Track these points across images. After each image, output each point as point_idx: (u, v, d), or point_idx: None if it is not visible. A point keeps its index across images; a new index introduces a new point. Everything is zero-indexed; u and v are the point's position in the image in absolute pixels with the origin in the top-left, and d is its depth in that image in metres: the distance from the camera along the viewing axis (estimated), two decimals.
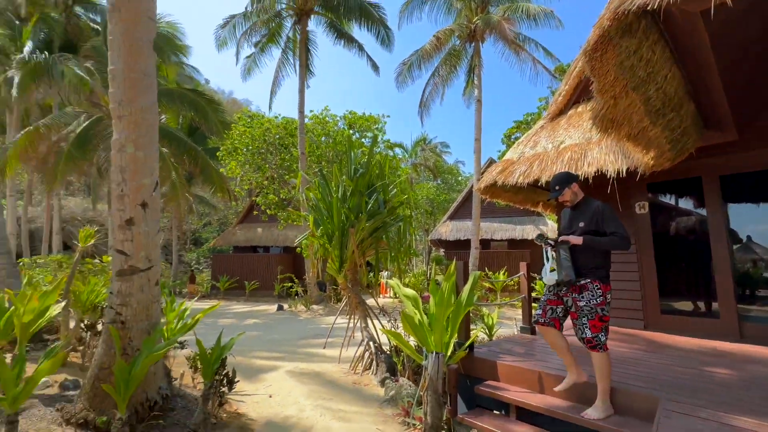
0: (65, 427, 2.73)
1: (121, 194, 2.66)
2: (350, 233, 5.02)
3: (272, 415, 3.70)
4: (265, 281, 17.67)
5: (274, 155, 15.69)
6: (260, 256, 19.03)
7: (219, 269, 18.32)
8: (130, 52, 2.60)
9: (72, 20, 17.03)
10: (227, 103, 49.16)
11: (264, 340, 7.66)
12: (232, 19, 14.67)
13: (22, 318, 3.19)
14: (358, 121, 16.61)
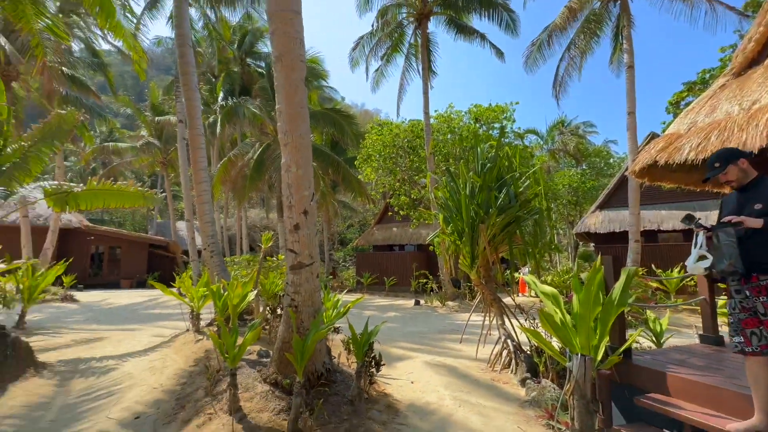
0: (263, 384, 3.58)
1: (290, 205, 3.36)
2: (480, 229, 5.00)
3: (414, 398, 4.02)
4: (401, 277, 18.80)
5: (403, 158, 16.59)
6: (396, 254, 20.29)
7: (362, 266, 20.32)
8: (289, 92, 3.28)
9: (245, 70, 21.57)
10: (360, 114, 53.93)
11: (403, 331, 8.22)
12: (360, 41, 16.18)
13: (232, 301, 4.33)
14: (484, 113, 16.10)
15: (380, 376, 4.29)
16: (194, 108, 7.07)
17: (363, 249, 29.26)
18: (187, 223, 14.06)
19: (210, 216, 6.97)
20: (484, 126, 16.39)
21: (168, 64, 59.33)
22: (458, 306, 12.82)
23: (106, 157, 24.20)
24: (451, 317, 10.79)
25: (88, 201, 7.23)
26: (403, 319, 10.26)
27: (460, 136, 15.27)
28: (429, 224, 17.52)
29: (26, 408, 3.62)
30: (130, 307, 12.28)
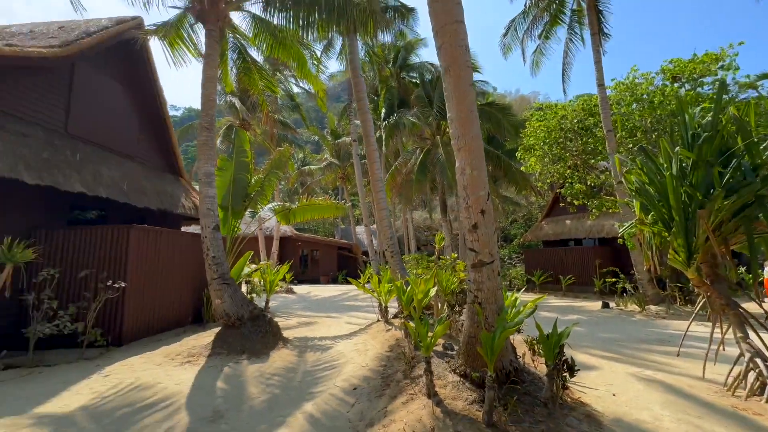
0: (453, 374, 3.83)
1: (467, 206, 3.52)
2: (699, 216, 4.01)
3: (621, 414, 3.55)
4: (581, 275, 16.62)
5: (573, 141, 14.70)
6: (572, 249, 18.08)
7: (531, 264, 18.95)
8: (459, 99, 3.45)
9: (401, 83, 23.31)
10: (515, 102, 50.43)
11: (593, 337, 7.29)
12: (512, 24, 15.24)
13: (417, 296, 4.80)
14: (687, 67, 12.74)
15: (573, 382, 3.96)
16: (369, 127, 8.14)
17: (531, 245, 27.24)
18: (365, 228, 16.22)
19: (388, 221, 7.87)
20: (687, 84, 12.95)
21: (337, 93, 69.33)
22: (664, 311, 10.47)
23: (303, 178, 30.20)
24: (654, 324, 8.94)
25: (300, 215, 9.30)
26: (589, 324, 9.09)
27: (651, 104, 12.49)
28: (614, 213, 14.94)
29: (283, 370, 4.94)
30: (329, 298, 14.99)
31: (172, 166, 10.74)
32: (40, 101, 7.19)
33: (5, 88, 6.57)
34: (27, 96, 6.95)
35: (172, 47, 7.75)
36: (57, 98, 7.55)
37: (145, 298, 6.86)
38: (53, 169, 6.41)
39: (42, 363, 5.21)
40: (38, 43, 7.05)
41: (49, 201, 6.99)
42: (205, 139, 6.50)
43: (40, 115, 7.14)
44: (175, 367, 5.04)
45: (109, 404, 3.75)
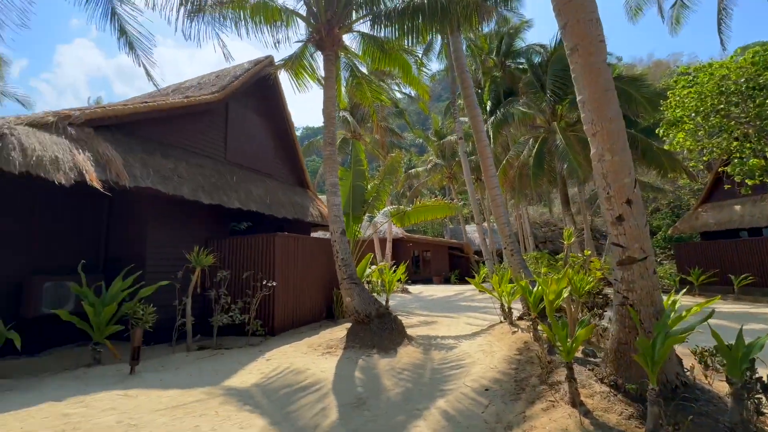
0: (600, 384, 3.46)
1: (608, 196, 3.15)
2: None
3: None
4: (762, 275, 13.10)
5: (741, 106, 11.67)
6: (747, 241, 14.40)
7: (685, 260, 15.73)
8: (590, 79, 3.12)
9: (506, 72, 22.05)
10: (649, 69, 42.79)
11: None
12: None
13: (548, 297, 4.47)
14: None
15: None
16: (478, 123, 7.93)
17: (683, 238, 22.73)
18: (477, 226, 15.76)
19: (506, 218, 7.52)
20: None
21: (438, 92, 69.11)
22: None
23: (410, 181, 30.96)
24: None
25: (414, 217, 9.59)
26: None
27: None
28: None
29: (412, 366, 5.15)
30: (444, 298, 14.99)
31: (300, 180, 12.24)
32: (207, 137, 9.02)
33: (185, 129, 8.44)
34: (199, 134, 8.80)
35: (296, 76, 8.86)
36: (218, 133, 9.37)
37: (289, 295, 7.95)
38: (220, 191, 7.97)
39: (222, 346, 6.50)
40: (204, 92, 8.87)
41: (216, 216, 8.68)
42: (329, 153, 7.24)
43: (208, 148, 8.95)
44: (317, 356, 5.72)
45: (274, 383, 4.48)
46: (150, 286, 6.06)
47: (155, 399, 3.94)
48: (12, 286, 5.96)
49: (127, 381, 4.58)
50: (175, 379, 4.67)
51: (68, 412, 3.54)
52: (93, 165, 5.62)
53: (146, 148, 7.14)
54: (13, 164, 4.68)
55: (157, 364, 5.37)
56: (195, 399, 3.94)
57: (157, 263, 7.06)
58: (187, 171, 7.55)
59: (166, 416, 3.51)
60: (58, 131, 5.65)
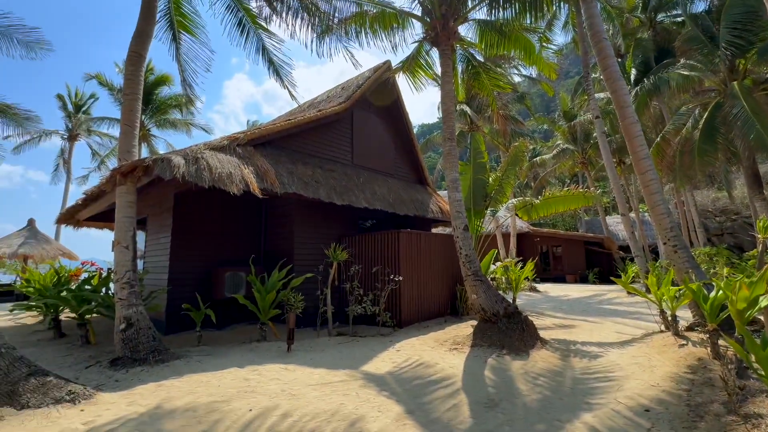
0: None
1: None
2: None
3: None
4: None
5: None
6: None
7: None
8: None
9: (657, 30, 18.21)
10: None
11: None
12: None
13: (737, 305, 3.53)
14: None
15: None
16: (622, 97, 6.77)
17: None
18: (623, 218, 13.49)
19: (664, 207, 6.24)
20: None
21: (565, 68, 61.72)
22: None
23: (535, 170, 28.45)
24: None
25: (543, 209, 8.77)
26: None
27: None
28: None
29: (548, 372, 4.75)
30: (580, 299, 13.32)
31: (419, 178, 12.51)
32: (337, 144, 9.99)
33: (318, 139, 9.51)
34: (330, 142, 9.81)
35: (413, 76, 9.06)
36: (345, 139, 10.28)
37: (414, 289, 8.22)
38: (349, 192, 8.74)
39: (357, 334, 7.14)
40: (332, 104, 9.84)
41: (347, 215, 9.55)
42: (449, 149, 7.20)
43: (337, 154, 9.91)
44: (445, 351, 5.77)
45: (405, 374, 4.70)
46: (298, 277, 7.05)
47: (308, 375, 4.58)
48: (205, 274, 7.71)
49: (286, 357, 5.42)
50: (322, 359, 5.33)
51: (248, 377, 4.40)
52: (254, 176, 6.83)
53: (291, 159, 8.32)
54: (205, 180, 6.04)
55: (306, 345, 6.22)
56: (339, 379, 4.43)
57: (302, 258, 8.17)
58: (322, 176, 8.51)
59: (317, 391, 4.03)
60: (230, 151, 7.04)
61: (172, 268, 7.32)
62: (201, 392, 3.90)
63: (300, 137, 9.07)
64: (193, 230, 7.72)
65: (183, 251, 7.52)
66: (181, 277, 7.41)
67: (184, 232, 7.60)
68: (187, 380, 4.29)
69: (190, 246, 7.64)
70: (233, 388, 4.02)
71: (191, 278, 7.53)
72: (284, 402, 3.70)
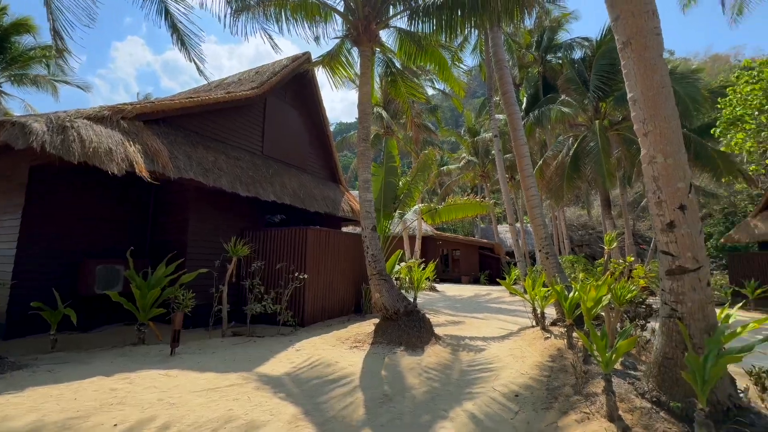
0: (641, 399, 3.27)
1: (658, 201, 2.95)
2: None
3: None
4: None
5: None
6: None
7: (738, 272, 14.57)
8: (644, 75, 2.92)
9: (547, 67, 21.20)
10: (705, 64, 39.76)
11: None
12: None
13: (586, 303, 4.28)
14: None
15: None
16: (516, 120, 7.69)
17: (737, 247, 21.12)
18: (510, 227, 15.33)
19: (542, 219, 7.26)
20: None
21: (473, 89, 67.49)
22: None
23: (442, 178, 30.58)
24: None
25: (446, 214, 9.47)
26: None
27: None
28: None
29: (439, 365, 5.11)
30: (472, 299, 14.74)
31: (333, 175, 12.41)
32: (246, 131, 9.32)
33: (225, 123, 8.76)
34: (238, 128, 9.11)
35: (333, 72, 8.95)
36: (256, 128, 9.65)
37: (319, 288, 8.11)
38: (256, 184, 8.22)
39: (255, 334, 6.74)
40: (244, 88, 9.17)
41: (252, 208, 8.98)
42: (363, 149, 7.28)
43: (246, 142, 9.26)
44: (345, 350, 5.80)
45: (304, 374, 4.59)
46: (190, 273, 6.37)
47: (193, 380, 4.15)
48: (69, 267, 6.46)
49: (168, 361, 4.84)
50: (211, 362, 4.89)
51: (115, 387, 3.80)
52: (142, 156, 5.97)
53: (190, 141, 7.49)
54: (73, 154, 5.05)
55: (194, 348, 5.65)
56: (230, 383, 4.11)
57: (197, 251, 7.41)
58: (226, 164, 7.85)
59: (202, 397, 3.68)
60: (112, 125, 6.04)
61: (20, 258, 5.95)
62: (50, 408, 3.24)
63: (204, 119, 8.24)
64: (54, 214, 6.39)
65: (37, 239, 6.17)
66: (33, 270, 6.06)
67: (41, 215, 6.24)
68: (31, 394, 3.52)
69: (49, 233, 6.30)
70: (95, 401, 3.43)
71: (49, 271, 6.22)
72: (162, 412, 3.29)
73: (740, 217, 24.66)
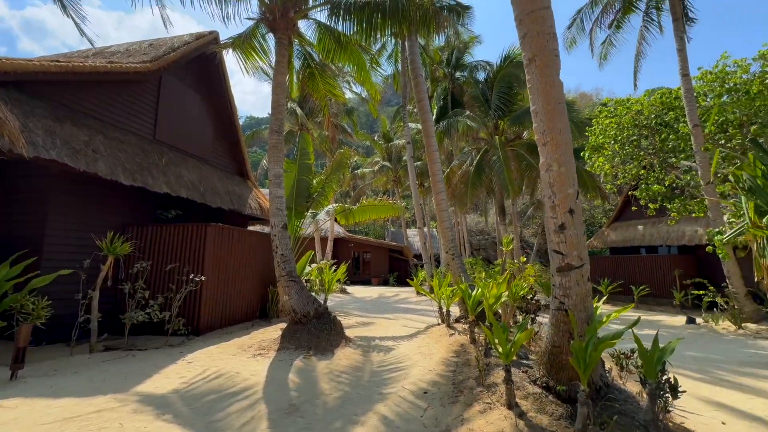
0: (533, 386, 3.59)
1: (552, 205, 3.28)
2: None
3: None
4: (657, 287, 15.13)
5: (650, 139, 13.39)
6: (645, 257, 16.53)
7: (596, 272, 17.60)
8: (545, 90, 3.24)
9: (455, 83, 22.91)
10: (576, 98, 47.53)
11: (681, 356, 6.51)
12: (578, 14, 14.32)
13: (489, 301, 4.59)
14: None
15: (674, 406, 3.52)
16: (429, 128, 8.04)
17: (595, 252, 25.40)
18: (419, 231, 16.06)
19: (449, 222, 7.69)
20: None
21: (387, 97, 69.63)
22: (767, 330, 9.12)
23: (356, 181, 30.77)
24: (755, 345, 7.80)
25: (359, 215, 9.43)
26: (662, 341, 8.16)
27: (747, 94, 11.06)
28: (697, 218, 13.52)
29: (351, 368, 4.97)
30: (382, 300, 15.03)
31: (240, 169, 11.45)
32: (134, 111, 8.01)
33: (106, 99, 7.40)
34: (124, 106, 7.77)
35: (246, 57, 8.24)
36: (147, 108, 8.36)
37: (219, 291, 7.31)
38: (144, 172, 7.09)
39: (135, 347, 5.74)
40: (134, 60, 7.87)
41: (139, 201, 7.73)
42: (275, 142, 6.81)
43: (134, 124, 7.94)
44: (248, 358, 5.29)
45: (196, 389, 4.00)
46: (48, 275, 5.15)
47: (41, 410, 3.29)
48: None
49: (7, 388, 3.79)
50: (70, 385, 3.97)
51: None
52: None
53: (55, 115, 6.10)
54: None
55: (48, 368, 4.55)
56: (95, 409, 3.36)
57: (58, 249, 6.05)
58: (105, 146, 6.60)
59: (54, 431, 2.92)
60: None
61: None
62: None
63: (77, 90, 6.81)
64: None
65: None
66: None
67: None
68: None
69: None
70: None
71: None
72: None
73: (597, 228, 29.89)
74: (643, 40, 13.71)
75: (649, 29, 13.55)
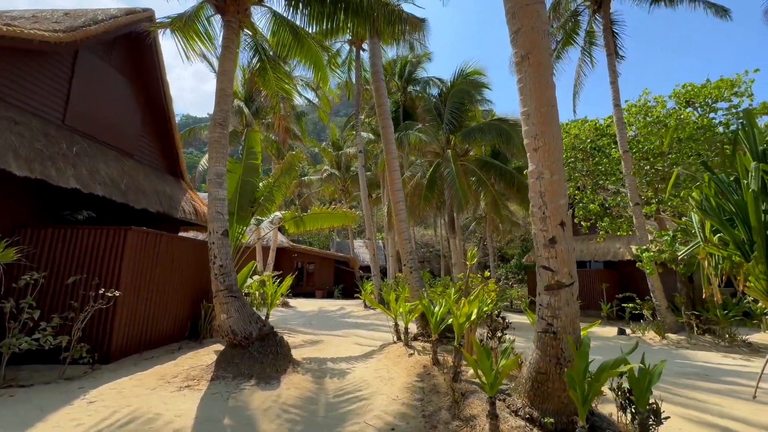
0: (514, 417, 3.22)
1: (543, 216, 3.01)
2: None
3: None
4: (587, 299, 16.20)
5: (585, 162, 14.47)
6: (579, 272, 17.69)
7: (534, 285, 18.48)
8: (539, 90, 2.99)
9: (408, 96, 23.16)
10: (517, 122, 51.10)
11: None
12: None
13: (459, 319, 4.21)
14: (700, 92, 12.66)
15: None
16: (389, 134, 7.67)
17: (530, 266, 26.89)
18: (368, 242, 15.59)
19: (408, 233, 7.31)
20: (700, 109, 12.92)
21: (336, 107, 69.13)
22: (686, 341, 9.97)
23: (301, 189, 29.58)
24: (680, 355, 8.40)
25: (311, 223, 8.70)
26: (608, 351, 8.52)
27: (665, 127, 12.41)
28: (620, 236, 14.78)
29: (301, 400, 4.26)
30: (328, 314, 14.20)
31: (173, 168, 10.10)
32: (38, 88, 6.58)
33: (0, 72, 5.97)
34: (24, 81, 6.34)
35: (187, 40, 7.26)
36: (56, 86, 6.95)
37: (138, 309, 6.13)
38: (46, 162, 5.76)
39: (15, 382, 4.45)
40: (40, 27, 6.50)
41: (38, 197, 6.31)
42: (218, 136, 5.94)
43: (35, 103, 6.51)
44: (172, 392, 4.33)
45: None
46: None
47: None
48: None
49: None
50: None
51: None
52: None
53: None
54: None
55: None
56: None
57: None
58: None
59: None
60: None
61: None
62: None
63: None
64: None
65: None
66: None
67: None
68: None
69: None
70: None
71: None
72: None
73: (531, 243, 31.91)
74: (581, 70, 14.88)
75: (585, 62, 14.75)
